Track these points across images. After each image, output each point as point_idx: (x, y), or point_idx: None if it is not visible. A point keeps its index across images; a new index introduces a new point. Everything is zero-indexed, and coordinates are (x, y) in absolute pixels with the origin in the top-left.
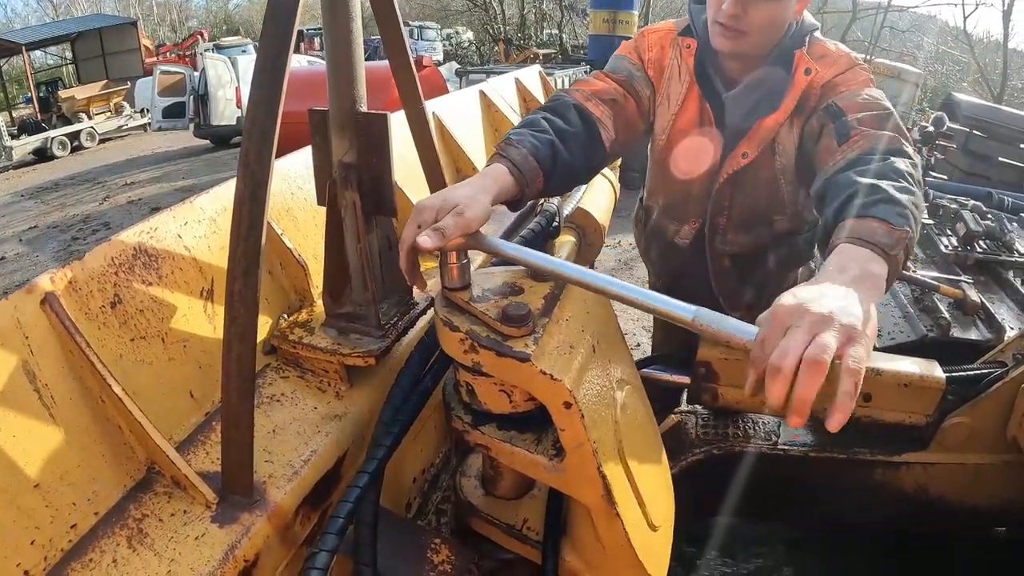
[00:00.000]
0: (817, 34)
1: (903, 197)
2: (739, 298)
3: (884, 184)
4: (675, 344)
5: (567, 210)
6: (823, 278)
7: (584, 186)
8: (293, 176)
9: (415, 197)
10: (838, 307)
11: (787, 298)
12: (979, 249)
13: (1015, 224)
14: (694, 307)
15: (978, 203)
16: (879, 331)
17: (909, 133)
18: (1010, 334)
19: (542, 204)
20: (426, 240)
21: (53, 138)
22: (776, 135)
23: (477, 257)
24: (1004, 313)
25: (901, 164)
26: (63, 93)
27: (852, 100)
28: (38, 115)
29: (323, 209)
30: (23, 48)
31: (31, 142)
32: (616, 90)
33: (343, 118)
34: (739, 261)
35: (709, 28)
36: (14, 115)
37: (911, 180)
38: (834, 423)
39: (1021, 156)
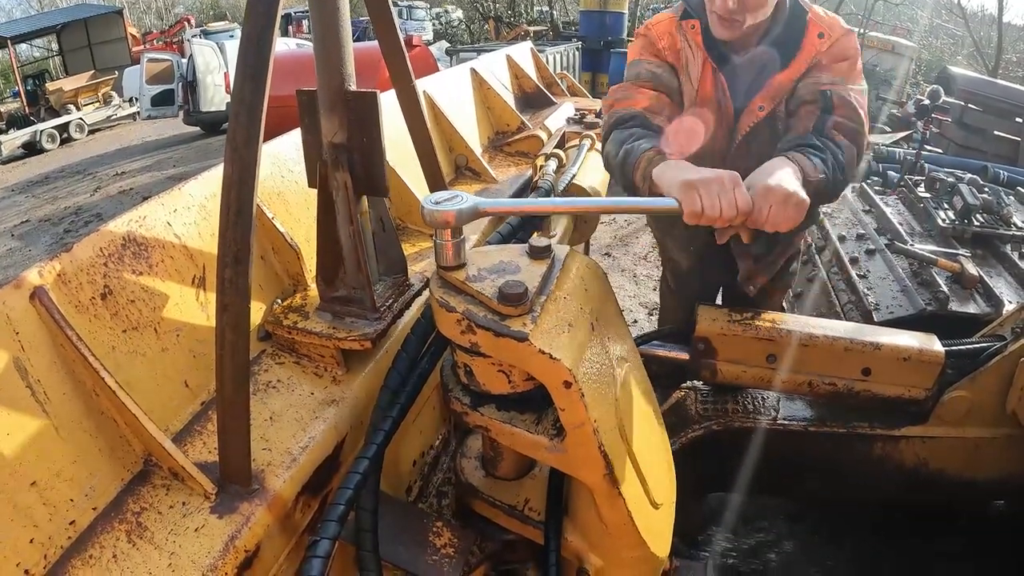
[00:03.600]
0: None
1: (830, 162)
2: (748, 251)
3: (831, 155)
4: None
5: (562, 186)
6: (770, 164)
7: (579, 162)
8: (283, 159)
9: (407, 177)
10: (792, 187)
11: (763, 178)
12: (976, 223)
13: (1011, 197)
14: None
15: (975, 176)
16: (877, 305)
17: (903, 106)
18: (1009, 307)
19: (537, 180)
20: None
21: (42, 131)
22: (787, 90)
23: (472, 236)
24: (1002, 286)
25: (845, 158)
26: (50, 85)
27: (843, 99)
28: (26, 109)
29: (315, 191)
30: (8, 42)
31: (20, 136)
32: (659, 100)
33: (332, 97)
34: None
35: (708, 16)
36: (2, 110)
37: (849, 168)
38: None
39: (1016, 129)
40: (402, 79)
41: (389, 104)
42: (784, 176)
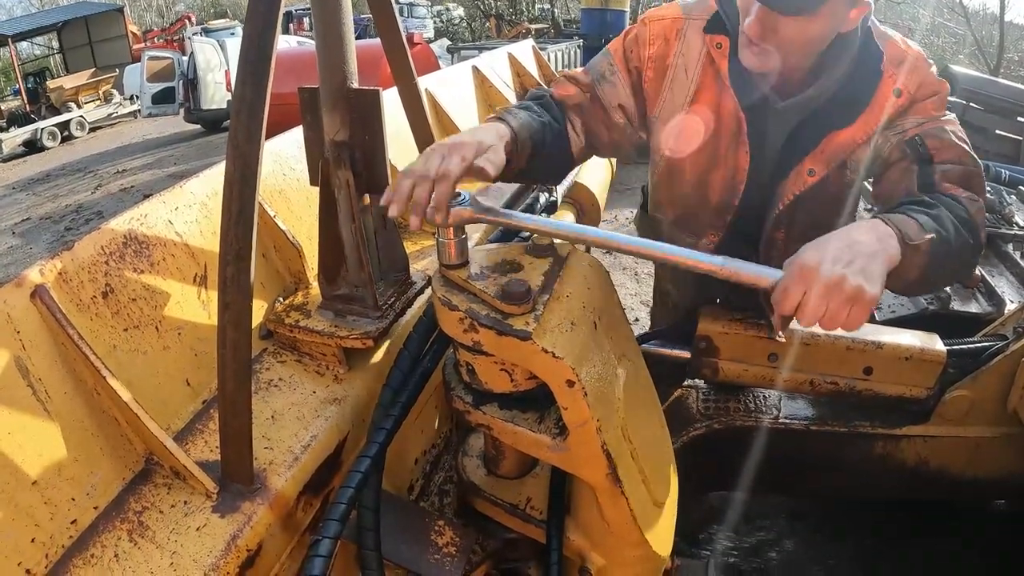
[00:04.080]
0: (883, 28)
1: (952, 228)
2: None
3: (944, 212)
4: (674, 318)
5: (565, 185)
6: (850, 228)
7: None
8: (285, 157)
9: None
10: (852, 272)
11: (810, 255)
12: None
13: (1013, 196)
14: (720, 256)
15: None
16: (879, 304)
17: None
18: (1010, 307)
19: None
20: (487, 167)
21: (43, 129)
22: (852, 152)
23: (474, 234)
24: (1004, 286)
25: (959, 216)
26: (51, 83)
27: (939, 140)
28: (27, 107)
29: (316, 189)
30: (9, 40)
31: (21, 134)
32: (583, 96)
33: (334, 95)
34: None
35: (740, 36)
36: (3, 108)
37: (971, 235)
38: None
39: (1018, 128)
40: (404, 76)
41: (391, 102)
42: (845, 249)
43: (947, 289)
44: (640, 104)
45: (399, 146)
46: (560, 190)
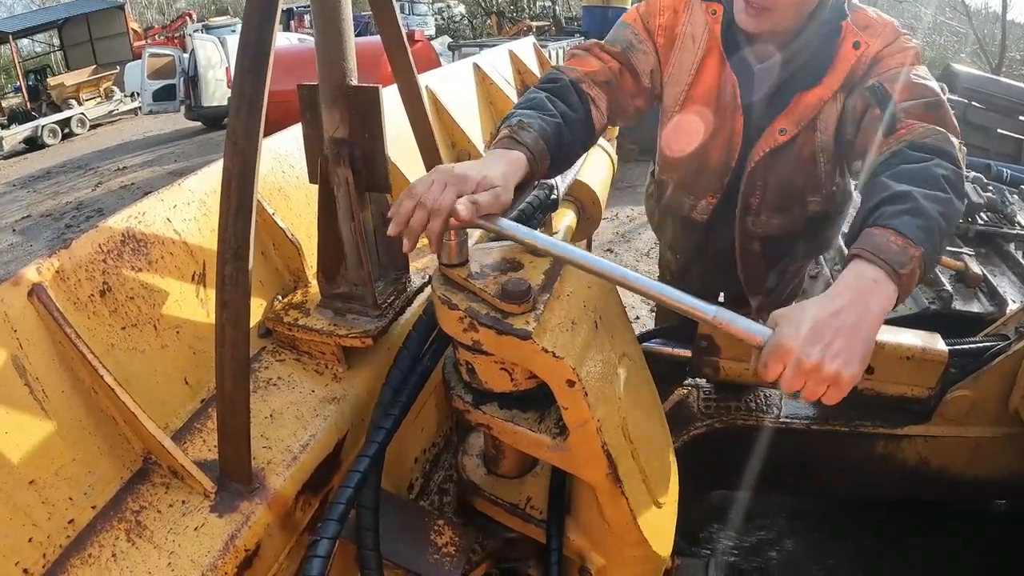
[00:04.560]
0: (859, 4)
1: (931, 207)
2: (762, 283)
3: (916, 192)
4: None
5: (565, 183)
6: (830, 299)
7: (581, 159)
8: (284, 154)
9: (410, 173)
10: (830, 355)
11: (787, 334)
12: (980, 221)
13: (1015, 196)
14: (713, 306)
15: (978, 175)
16: None
17: None
18: (1012, 307)
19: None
20: (464, 211)
21: (43, 126)
22: (819, 111)
23: (474, 232)
24: (1006, 286)
25: (940, 169)
26: (52, 80)
27: (900, 82)
28: (27, 104)
29: (316, 187)
30: (10, 37)
31: (21, 131)
32: (610, 69)
33: (333, 92)
34: (769, 245)
35: (734, 2)
36: (3, 105)
37: (947, 185)
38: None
39: (1020, 127)
40: (404, 74)
41: (391, 99)
42: (826, 327)
43: (949, 289)
44: (659, 68)
45: (399, 143)
46: (561, 188)
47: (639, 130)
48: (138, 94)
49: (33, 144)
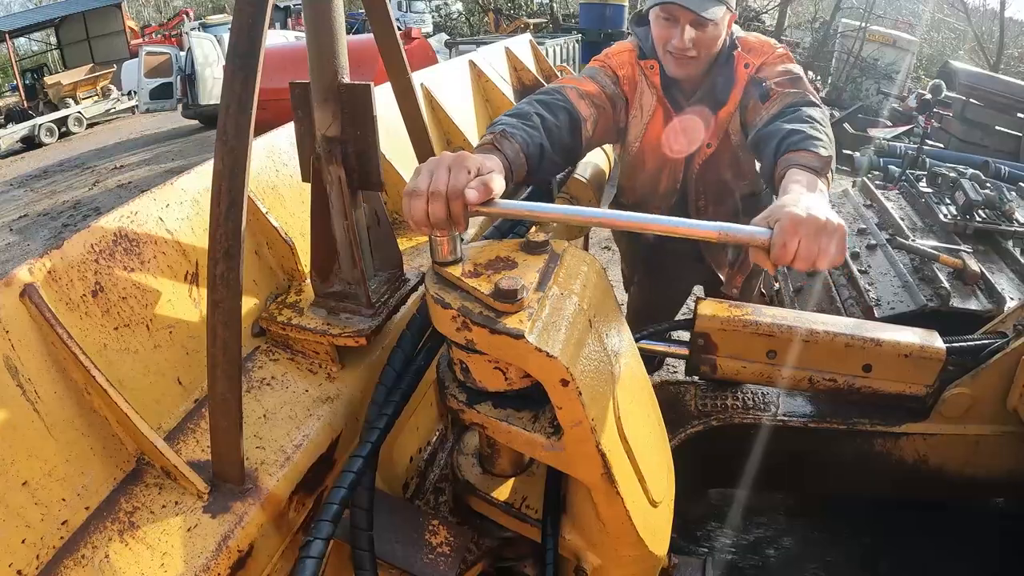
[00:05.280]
0: (738, 31)
1: (818, 133)
2: (724, 258)
3: (802, 127)
4: (653, 310)
5: (559, 178)
6: (799, 192)
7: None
8: (278, 152)
9: (404, 171)
10: (825, 215)
11: (792, 210)
12: (978, 218)
13: (1014, 193)
14: (713, 223)
15: (977, 172)
16: (878, 301)
17: (905, 101)
18: (1010, 304)
19: None
20: (474, 193)
21: (40, 125)
22: (729, 122)
23: (469, 230)
24: (1004, 283)
25: (812, 112)
26: (49, 79)
27: (770, 71)
28: (24, 103)
29: (309, 186)
30: (7, 36)
31: (18, 130)
32: (603, 97)
33: (325, 90)
34: None
35: (661, 57)
36: (0, 104)
37: (820, 121)
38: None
39: (1018, 124)
40: (397, 71)
41: (386, 97)
42: (812, 202)
43: (947, 286)
44: (627, 108)
45: (393, 141)
46: (557, 185)
47: None
48: (135, 92)
49: (30, 143)
